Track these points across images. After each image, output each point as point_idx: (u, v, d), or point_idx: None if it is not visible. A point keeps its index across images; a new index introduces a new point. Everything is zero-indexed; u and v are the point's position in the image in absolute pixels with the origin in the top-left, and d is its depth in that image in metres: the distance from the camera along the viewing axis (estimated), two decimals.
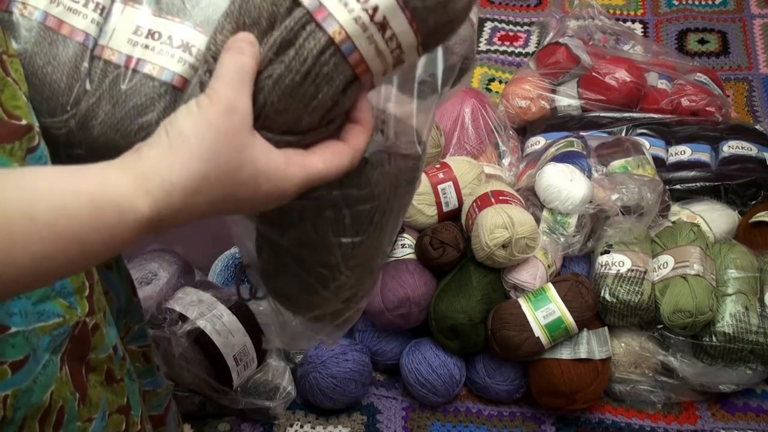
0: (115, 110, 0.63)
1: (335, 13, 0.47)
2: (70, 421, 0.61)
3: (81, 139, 0.64)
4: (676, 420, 1.19)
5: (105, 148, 0.63)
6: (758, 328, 1.11)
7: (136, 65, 0.62)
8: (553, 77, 1.58)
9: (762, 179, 1.36)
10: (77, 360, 0.63)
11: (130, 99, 0.62)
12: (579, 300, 1.13)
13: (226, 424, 1.20)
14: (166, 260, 1.22)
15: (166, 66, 0.62)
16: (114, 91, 0.63)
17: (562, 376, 1.13)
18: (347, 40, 0.48)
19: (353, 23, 0.47)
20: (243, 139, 0.46)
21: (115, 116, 0.62)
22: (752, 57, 1.80)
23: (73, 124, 0.63)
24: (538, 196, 1.23)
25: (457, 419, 1.21)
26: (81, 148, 0.64)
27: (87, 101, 0.63)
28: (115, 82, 0.63)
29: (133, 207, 0.43)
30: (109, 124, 0.63)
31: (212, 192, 0.46)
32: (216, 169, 0.45)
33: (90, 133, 0.63)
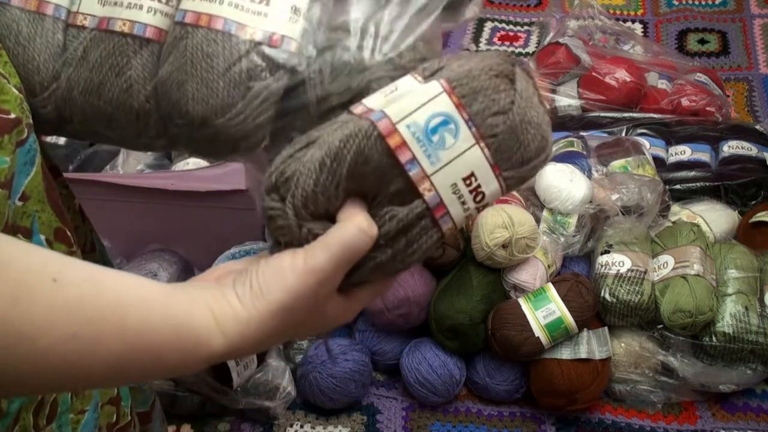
0: (93, 75, 0.61)
1: (452, 212, 0.48)
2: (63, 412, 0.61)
3: (69, 112, 0.63)
4: (676, 420, 1.19)
5: (93, 118, 0.62)
6: (758, 328, 1.11)
7: (107, 25, 0.61)
8: (553, 77, 1.58)
9: (762, 179, 1.36)
10: None
11: (106, 61, 0.61)
12: (579, 300, 1.13)
13: (226, 424, 1.20)
14: (166, 260, 1.22)
15: (136, 20, 0.61)
16: (90, 56, 0.61)
17: (562, 376, 1.13)
18: (454, 229, 0.50)
19: (463, 220, 0.50)
20: (320, 306, 0.49)
21: (94, 81, 0.61)
22: (752, 57, 1.80)
23: (59, 98, 0.62)
24: (538, 196, 1.23)
25: (457, 419, 1.21)
26: (74, 123, 0.63)
27: (66, 73, 0.62)
28: (89, 47, 0.61)
29: (209, 343, 0.46)
30: (90, 90, 0.61)
31: (281, 337, 0.49)
32: (288, 327, 0.48)
33: (75, 103, 0.62)
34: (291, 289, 0.46)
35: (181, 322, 0.45)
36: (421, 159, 0.47)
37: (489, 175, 0.48)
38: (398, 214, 0.48)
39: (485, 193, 0.49)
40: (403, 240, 0.48)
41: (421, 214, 0.48)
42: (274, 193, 0.48)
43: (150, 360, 0.45)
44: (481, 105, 0.48)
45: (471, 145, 0.48)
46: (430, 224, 0.48)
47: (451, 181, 0.48)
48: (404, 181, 0.47)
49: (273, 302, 0.46)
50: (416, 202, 0.48)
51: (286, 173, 0.48)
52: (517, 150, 0.49)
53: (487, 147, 0.48)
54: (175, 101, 0.60)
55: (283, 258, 0.47)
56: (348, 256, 0.47)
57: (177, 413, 1.19)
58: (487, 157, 0.48)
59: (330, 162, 0.47)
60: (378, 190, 0.48)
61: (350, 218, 0.47)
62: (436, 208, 0.48)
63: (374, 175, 0.47)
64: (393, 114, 0.47)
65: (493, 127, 0.48)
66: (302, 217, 0.47)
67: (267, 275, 0.47)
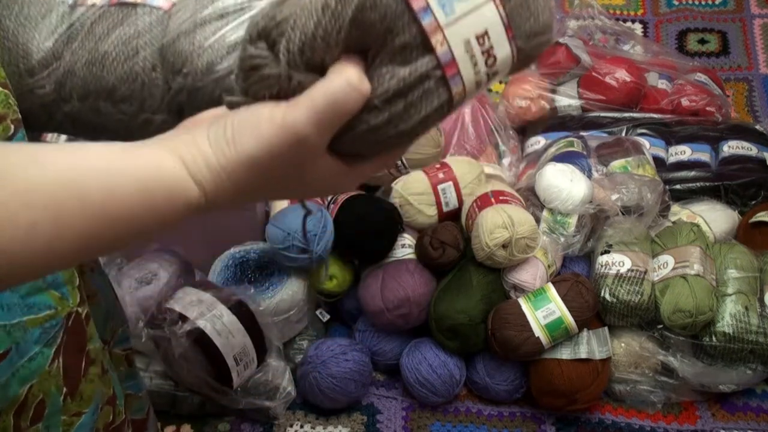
0: (98, 45, 0.61)
1: (464, 73, 0.45)
2: (52, 414, 0.61)
3: (69, 88, 0.62)
4: (676, 420, 1.19)
5: (96, 92, 0.62)
6: (758, 328, 1.11)
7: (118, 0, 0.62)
8: (553, 77, 1.58)
9: (762, 179, 1.36)
10: (76, 352, 0.63)
11: (113, 31, 0.61)
12: (579, 300, 1.13)
13: (226, 424, 1.20)
14: (166, 260, 1.22)
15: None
16: (97, 29, 0.61)
17: (562, 376, 1.13)
18: (460, 98, 0.46)
19: (473, 85, 0.45)
20: (306, 164, 0.45)
21: (99, 52, 0.61)
22: (752, 57, 1.80)
23: (60, 74, 0.62)
24: (538, 196, 1.23)
25: (457, 419, 1.21)
26: (73, 100, 0.63)
27: (69, 48, 0.62)
28: (96, 21, 0.62)
29: (183, 192, 0.43)
30: (94, 61, 0.61)
31: (263, 188, 0.45)
32: (267, 180, 0.45)
33: (77, 77, 0.62)
34: (265, 141, 0.43)
35: (148, 179, 0.42)
36: (435, 7, 0.43)
37: (503, 37, 0.45)
38: (399, 72, 0.44)
39: (497, 57, 0.45)
40: (401, 103, 0.44)
41: (426, 74, 0.44)
42: (262, 41, 0.44)
43: (124, 227, 0.42)
44: None
45: (486, 1, 0.44)
46: (436, 85, 0.44)
47: (465, 36, 0.44)
48: (414, 33, 0.43)
49: (244, 153, 0.43)
50: (423, 59, 0.44)
51: (279, 17, 0.43)
52: (528, 18, 0.46)
53: (502, 5, 0.45)
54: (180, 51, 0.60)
55: (263, 107, 0.43)
56: (333, 112, 0.42)
57: (177, 413, 1.19)
58: (502, 16, 0.45)
59: (335, 4, 0.42)
60: (381, 44, 0.44)
61: (340, 71, 0.43)
62: (447, 65, 0.44)
63: (381, 23, 0.43)
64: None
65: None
66: (295, 65, 0.43)
67: (244, 123, 0.43)
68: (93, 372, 0.65)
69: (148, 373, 1.15)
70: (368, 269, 1.23)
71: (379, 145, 0.46)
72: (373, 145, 0.46)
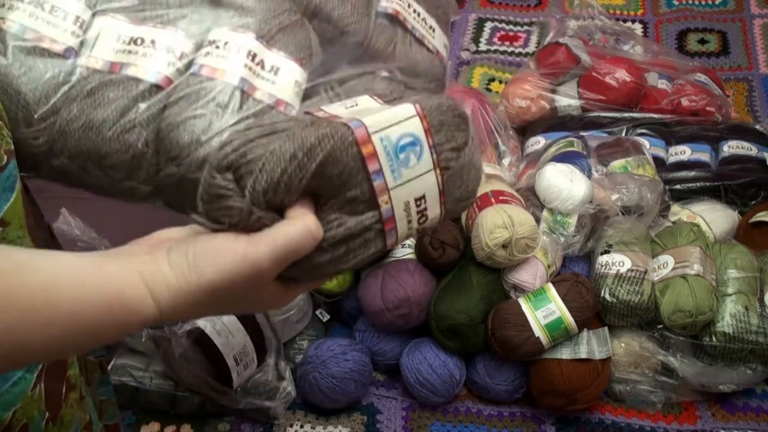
0: (97, 113, 0.64)
1: (399, 228, 0.51)
2: None
3: (62, 145, 0.64)
4: (676, 420, 1.19)
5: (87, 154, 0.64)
6: (758, 328, 1.11)
7: (119, 69, 0.64)
8: (553, 77, 1.58)
9: (762, 179, 1.36)
10: (56, 378, 0.64)
11: (113, 101, 0.63)
12: (579, 300, 1.13)
13: (226, 424, 1.20)
14: None
15: (150, 67, 0.64)
16: (97, 95, 0.64)
17: (562, 376, 1.13)
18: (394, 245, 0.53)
19: (405, 236, 0.53)
20: (256, 290, 0.49)
21: (97, 118, 0.64)
22: (752, 57, 1.80)
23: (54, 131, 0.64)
24: (538, 196, 1.23)
25: (457, 419, 1.21)
26: (63, 157, 0.65)
27: (67, 107, 0.64)
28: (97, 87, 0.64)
29: (141, 310, 0.47)
30: (89, 126, 0.64)
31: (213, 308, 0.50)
32: (220, 303, 0.49)
33: (71, 137, 0.64)
34: (226, 272, 0.46)
35: (113, 296, 0.46)
36: (386, 172, 0.49)
37: (436, 201, 0.52)
38: (347, 222, 0.49)
39: (428, 217, 0.52)
40: (343, 247, 0.50)
41: (368, 226, 0.50)
42: (228, 173, 0.47)
43: (87, 335, 0.46)
44: (444, 137, 0.52)
45: (429, 170, 0.51)
46: (375, 236, 0.51)
47: (406, 198, 0.51)
48: (364, 190, 0.49)
49: (204, 281, 0.47)
50: (368, 213, 0.50)
51: (249, 156, 0.47)
52: (459, 186, 0.53)
53: (441, 176, 0.52)
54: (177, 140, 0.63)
55: (225, 239, 0.47)
56: (290, 253, 0.47)
57: (177, 413, 1.19)
58: (439, 184, 0.52)
59: (302, 156, 0.47)
60: (334, 194, 0.49)
61: (300, 217, 0.48)
62: (387, 221, 0.50)
63: (338, 177, 0.48)
64: (370, 124, 0.49)
65: (449, 160, 0.52)
66: (257, 203, 0.47)
67: (205, 252, 0.47)
68: (72, 397, 0.66)
69: (148, 373, 1.15)
70: (368, 269, 1.23)
71: (316, 276, 0.52)
72: (311, 276, 0.52)
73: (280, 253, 0.47)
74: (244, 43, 0.65)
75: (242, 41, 0.65)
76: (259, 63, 0.65)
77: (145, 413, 1.20)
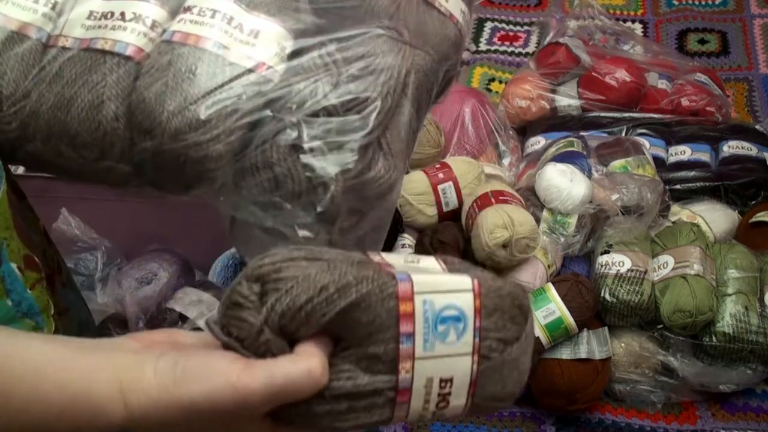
0: (65, 90, 0.62)
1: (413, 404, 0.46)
2: None
3: (34, 129, 0.63)
4: (676, 420, 1.19)
5: (58, 135, 0.62)
6: (758, 328, 1.11)
7: (89, 45, 0.62)
8: (553, 77, 1.58)
9: (762, 179, 1.36)
10: None
11: (80, 77, 0.62)
12: (579, 300, 1.13)
13: None
14: (166, 260, 1.22)
15: (119, 39, 0.62)
16: (66, 72, 0.62)
17: (562, 376, 1.13)
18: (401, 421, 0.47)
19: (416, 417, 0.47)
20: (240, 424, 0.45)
21: (65, 96, 0.62)
22: (752, 57, 1.80)
23: (25, 114, 0.63)
24: (538, 196, 1.23)
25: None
26: (36, 141, 0.63)
27: (37, 90, 0.62)
28: (65, 65, 0.62)
29: (108, 413, 0.43)
30: (59, 105, 0.62)
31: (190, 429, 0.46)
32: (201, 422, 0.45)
33: (42, 119, 0.62)
34: (210, 394, 0.42)
35: (78, 395, 0.43)
36: (418, 338, 0.45)
37: (464, 390, 0.47)
38: (358, 378, 0.45)
39: (449, 404, 0.47)
40: (346, 404, 0.45)
41: (380, 390, 0.45)
42: (257, 284, 0.44)
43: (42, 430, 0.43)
44: (494, 324, 0.47)
45: (467, 353, 0.46)
46: (383, 403, 0.45)
47: (431, 375, 0.45)
48: (388, 350, 0.44)
49: (186, 397, 0.43)
50: (384, 376, 0.45)
51: (282, 273, 0.44)
52: (496, 384, 0.48)
53: (478, 364, 0.46)
54: (150, 112, 0.60)
55: (221, 360, 0.44)
56: (285, 393, 0.43)
57: None
58: (472, 373, 0.46)
59: (333, 290, 0.43)
60: (356, 344, 0.45)
61: (308, 356, 0.43)
62: (402, 391, 0.45)
63: (365, 327, 0.44)
64: (417, 282, 0.45)
65: (492, 350, 0.47)
66: (271, 324, 0.44)
67: (197, 369, 0.43)
68: None
69: None
70: None
71: (309, 424, 0.46)
72: (305, 424, 0.46)
73: (275, 390, 0.42)
74: (221, 7, 0.63)
75: (218, 5, 0.63)
76: (237, 26, 0.62)
77: None
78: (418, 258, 0.49)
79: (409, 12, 0.68)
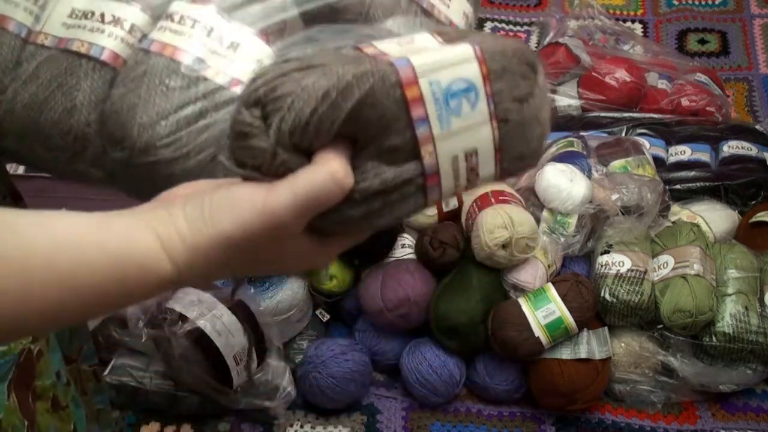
0: (39, 91, 0.61)
1: (444, 184, 0.45)
2: None
3: (8, 126, 0.62)
4: (676, 420, 1.19)
5: (32, 135, 0.62)
6: (758, 328, 1.11)
7: (65, 45, 0.61)
8: (553, 77, 1.58)
9: (762, 179, 1.36)
10: (24, 388, 0.63)
11: (55, 79, 0.61)
12: (579, 300, 1.13)
13: (226, 424, 1.20)
14: None
15: (95, 42, 0.61)
16: (42, 72, 0.61)
17: (562, 376, 1.13)
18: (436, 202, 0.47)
19: (450, 193, 0.46)
20: (281, 245, 0.45)
21: (39, 97, 0.61)
22: (752, 57, 1.80)
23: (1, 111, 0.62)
24: (538, 196, 1.23)
25: (457, 419, 1.21)
26: (10, 138, 0.63)
27: (14, 86, 0.62)
28: (42, 64, 0.62)
29: (155, 268, 0.43)
30: (33, 106, 0.61)
31: (236, 266, 0.46)
32: (242, 260, 0.45)
33: (15, 118, 0.62)
34: (243, 224, 0.42)
35: (119, 252, 0.42)
36: (432, 120, 0.43)
37: (490, 158, 0.46)
38: (384, 173, 0.44)
39: (480, 175, 0.46)
40: (380, 201, 0.44)
41: (409, 179, 0.44)
42: (256, 109, 0.43)
43: (94, 298, 0.42)
44: (505, 85, 0.45)
45: (484, 121, 0.45)
46: (415, 190, 0.45)
47: (454, 152, 0.44)
48: (406, 139, 0.44)
49: (221, 234, 0.43)
50: (409, 165, 0.44)
51: (278, 91, 0.43)
52: (520, 143, 0.46)
53: (498, 129, 0.45)
54: (122, 123, 0.59)
55: (244, 189, 0.43)
56: (313, 203, 0.42)
57: (177, 413, 1.19)
58: (494, 139, 0.45)
59: (336, 95, 0.42)
60: (372, 140, 0.44)
61: (326, 162, 0.42)
62: (431, 175, 0.44)
63: (376, 122, 0.43)
64: (418, 65, 0.43)
65: (508, 112, 0.45)
66: (283, 144, 0.43)
67: (222, 203, 0.43)
68: (41, 407, 0.65)
69: (148, 373, 1.15)
70: (368, 269, 1.23)
71: (351, 230, 0.46)
72: (346, 230, 0.46)
73: (301, 201, 0.42)
74: (203, 17, 0.61)
75: (201, 15, 0.61)
76: (217, 38, 0.61)
77: (145, 413, 1.20)
78: (411, 38, 0.47)
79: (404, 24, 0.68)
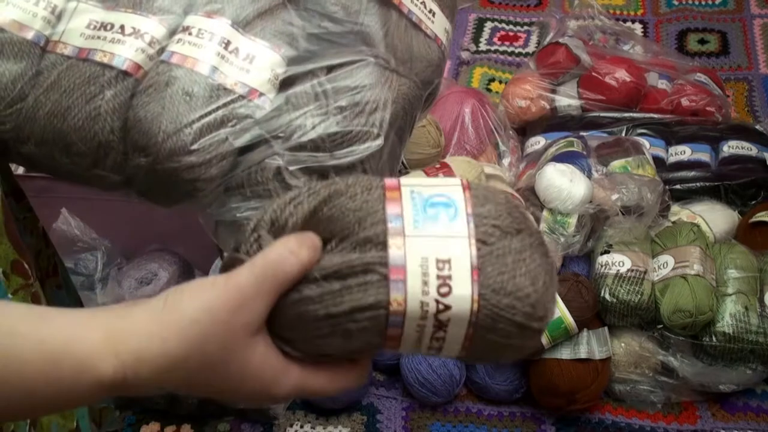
0: (62, 99, 0.63)
1: (409, 285, 0.43)
2: None
3: (29, 132, 0.64)
4: (676, 420, 1.19)
5: (53, 141, 0.63)
6: (758, 328, 1.11)
7: (87, 55, 0.63)
8: (553, 77, 1.58)
9: (762, 179, 1.36)
10: None
11: (78, 87, 0.63)
12: (579, 300, 1.13)
13: (226, 424, 1.20)
14: (166, 260, 1.22)
15: (117, 52, 0.63)
16: (64, 80, 0.63)
17: (562, 376, 1.13)
18: (399, 316, 0.43)
19: (417, 305, 0.43)
20: (240, 339, 0.42)
21: (62, 105, 0.63)
22: (752, 57, 1.80)
23: (21, 117, 0.63)
24: (538, 196, 1.23)
25: (457, 419, 1.21)
26: (30, 144, 0.64)
27: (35, 94, 0.63)
28: (63, 73, 0.63)
29: (93, 366, 0.40)
30: (56, 113, 0.63)
31: (188, 375, 0.42)
32: (198, 357, 0.41)
33: (37, 124, 0.63)
34: (206, 304, 0.41)
35: (56, 347, 0.40)
36: (407, 218, 0.44)
37: (466, 276, 0.43)
38: (348, 254, 0.44)
39: (452, 289, 0.43)
40: (337, 283, 0.43)
41: (371, 264, 0.43)
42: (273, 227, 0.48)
43: (22, 397, 0.40)
44: (489, 212, 0.45)
45: (462, 236, 0.44)
46: (378, 281, 0.43)
47: (424, 253, 0.43)
48: (379, 232, 0.44)
49: (184, 318, 0.40)
50: (375, 252, 0.44)
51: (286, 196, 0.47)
52: (501, 273, 0.44)
53: (477, 249, 0.44)
54: (146, 131, 0.61)
55: (207, 277, 0.43)
56: (271, 275, 0.42)
57: (177, 413, 1.19)
58: (472, 256, 0.43)
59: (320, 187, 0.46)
60: (348, 233, 0.44)
61: (284, 240, 0.43)
62: (396, 268, 0.43)
63: (354, 214, 0.44)
64: (404, 180, 0.46)
65: (489, 236, 0.45)
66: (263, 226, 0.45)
67: (182, 289, 0.42)
68: None
69: None
70: None
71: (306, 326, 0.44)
72: (301, 324, 0.44)
73: (259, 272, 0.41)
74: (218, 29, 0.64)
75: (216, 28, 0.64)
76: (233, 51, 0.63)
77: (145, 413, 1.20)
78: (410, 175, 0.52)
79: (398, 36, 0.70)
